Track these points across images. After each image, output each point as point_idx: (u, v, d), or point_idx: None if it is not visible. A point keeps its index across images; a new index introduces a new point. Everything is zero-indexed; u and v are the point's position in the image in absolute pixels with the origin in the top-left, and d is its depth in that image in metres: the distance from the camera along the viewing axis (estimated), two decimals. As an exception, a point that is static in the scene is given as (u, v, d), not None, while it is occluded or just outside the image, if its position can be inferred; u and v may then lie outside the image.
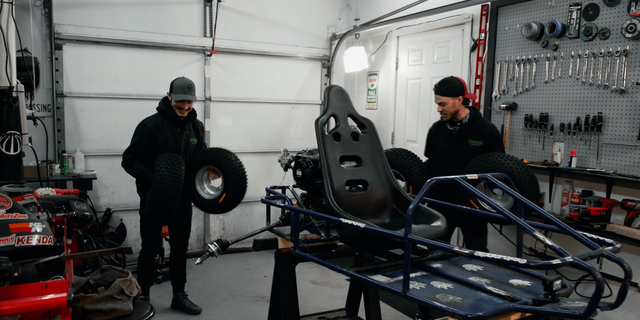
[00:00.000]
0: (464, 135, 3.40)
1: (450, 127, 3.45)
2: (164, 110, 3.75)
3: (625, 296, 1.69)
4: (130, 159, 3.72)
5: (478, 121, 3.40)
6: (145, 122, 3.74)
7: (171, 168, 3.39)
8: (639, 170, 3.11)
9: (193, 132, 3.90)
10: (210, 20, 5.16)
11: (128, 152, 3.74)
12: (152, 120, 3.74)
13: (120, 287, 2.15)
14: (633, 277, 2.59)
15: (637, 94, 3.11)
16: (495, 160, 3.03)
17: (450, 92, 3.35)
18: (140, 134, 3.72)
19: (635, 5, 3.07)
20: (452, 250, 1.80)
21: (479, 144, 3.35)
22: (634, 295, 3.21)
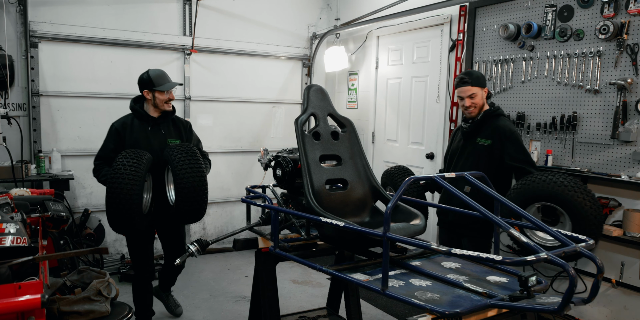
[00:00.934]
0: (474, 132, 3.14)
1: (464, 124, 3.21)
2: (134, 108, 3.35)
3: (598, 291, 1.72)
4: (99, 165, 3.29)
5: (493, 119, 3.10)
6: (114, 123, 3.37)
7: (127, 161, 2.86)
8: (612, 168, 3.18)
9: (173, 131, 3.43)
10: (190, 18, 5.12)
11: (97, 159, 3.34)
12: (120, 119, 3.37)
13: (98, 288, 2.13)
14: (607, 273, 2.65)
15: (610, 94, 3.19)
16: (548, 181, 2.66)
17: (480, 82, 3.11)
18: (108, 136, 3.34)
19: (608, 8, 3.14)
20: (430, 248, 1.82)
21: (487, 143, 3.07)
22: (608, 290, 3.29)
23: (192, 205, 2.97)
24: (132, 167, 2.85)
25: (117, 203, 2.78)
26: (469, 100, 3.10)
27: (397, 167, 3.50)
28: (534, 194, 2.72)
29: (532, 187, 2.73)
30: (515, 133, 3.04)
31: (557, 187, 2.63)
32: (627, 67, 3.09)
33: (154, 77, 3.27)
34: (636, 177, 3.01)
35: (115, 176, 2.79)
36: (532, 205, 2.78)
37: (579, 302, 1.76)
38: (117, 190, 2.77)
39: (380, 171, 5.32)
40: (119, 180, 2.78)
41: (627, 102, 3.09)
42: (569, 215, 2.64)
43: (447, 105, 4.42)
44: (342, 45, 5.63)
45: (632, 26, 3.06)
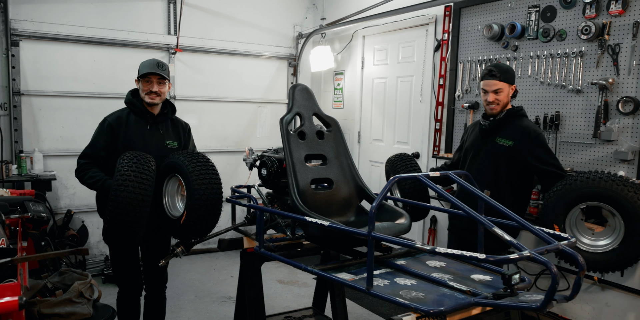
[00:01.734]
0: (494, 131, 2.95)
1: (483, 121, 3.01)
2: (131, 102, 2.98)
3: (580, 288, 1.74)
4: (86, 164, 2.88)
5: (516, 119, 2.92)
6: (106, 117, 2.98)
7: (137, 167, 2.51)
8: (594, 167, 3.22)
9: (172, 133, 3.09)
10: (175, 17, 5.08)
11: (83, 156, 2.91)
12: (114, 113, 2.98)
13: (79, 290, 2.10)
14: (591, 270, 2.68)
15: (592, 93, 3.22)
16: (594, 177, 2.54)
17: (509, 77, 2.90)
18: (99, 131, 2.93)
19: (589, 8, 3.18)
20: (414, 247, 1.82)
21: (508, 144, 2.87)
22: (590, 288, 3.33)
23: (205, 224, 2.63)
24: (144, 174, 2.51)
25: (126, 215, 2.43)
26: (493, 95, 2.89)
27: (398, 155, 3.32)
28: (579, 194, 2.56)
29: (576, 186, 2.57)
30: (541, 135, 2.87)
31: (604, 183, 2.48)
32: (609, 67, 3.13)
33: (142, 65, 2.99)
34: (617, 176, 3.05)
35: (125, 184, 2.43)
36: (575, 207, 2.62)
37: (561, 300, 1.77)
38: (127, 199, 2.42)
39: (366, 171, 5.35)
40: (129, 189, 2.43)
41: (609, 101, 3.13)
42: (620, 214, 2.48)
43: (432, 105, 4.44)
44: (328, 44, 5.63)
45: (613, 27, 3.10)
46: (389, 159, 3.33)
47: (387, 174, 3.36)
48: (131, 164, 2.51)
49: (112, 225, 2.48)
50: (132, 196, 2.43)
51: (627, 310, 3.14)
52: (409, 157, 3.28)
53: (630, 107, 3.02)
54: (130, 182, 2.45)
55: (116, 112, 3.00)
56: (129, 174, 2.48)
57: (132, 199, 2.44)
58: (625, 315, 3.15)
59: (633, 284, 3.09)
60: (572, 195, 2.59)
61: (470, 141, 3.14)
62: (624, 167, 3.07)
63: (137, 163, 2.54)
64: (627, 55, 3.03)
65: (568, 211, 2.64)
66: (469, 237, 3.05)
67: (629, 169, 3.05)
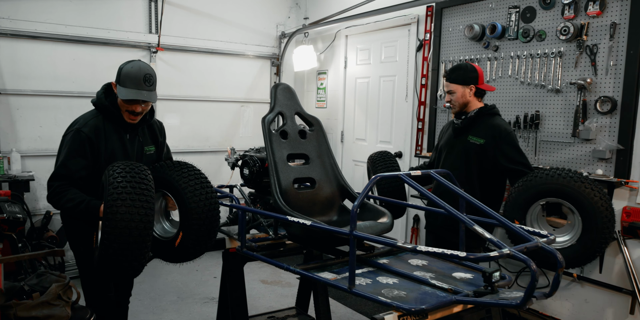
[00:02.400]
0: (466, 129, 2.97)
1: (455, 120, 3.05)
2: (105, 107, 2.50)
3: (559, 285, 1.76)
4: (61, 187, 2.37)
5: (488, 118, 2.94)
6: (79, 126, 2.43)
7: (132, 177, 2.07)
8: (573, 165, 3.27)
9: (149, 136, 2.74)
10: (156, 16, 5.03)
11: (56, 178, 2.40)
12: (88, 122, 2.46)
13: (57, 292, 2.06)
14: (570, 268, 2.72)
15: (571, 93, 3.27)
16: (552, 174, 2.56)
17: (460, 79, 2.93)
18: (74, 146, 2.40)
19: (568, 9, 3.23)
20: (396, 246, 1.83)
21: (480, 142, 2.89)
22: (569, 284, 3.38)
23: (205, 244, 2.38)
24: (143, 184, 2.08)
25: (127, 237, 1.99)
26: (449, 96, 2.97)
27: (379, 153, 3.32)
28: (538, 190, 2.58)
29: (535, 182, 2.60)
30: (511, 134, 2.88)
31: (562, 179, 2.50)
32: (587, 67, 3.18)
33: (125, 74, 2.46)
34: (596, 174, 3.10)
35: (122, 197, 2.00)
36: (535, 203, 2.64)
37: (540, 297, 1.79)
38: (127, 217, 1.98)
39: (350, 170, 5.36)
40: (128, 203, 2.00)
41: (587, 101, 3.18)
42: (578, 210, 2.50)
43: (414, 105, 4.46)
44: (311, 44, 5.63)
45: (591, 28, 3.15)
46: (370, 156, 3.35)
47: (368, 171, 3.37)
48: (125, 175, 2.08)
49: (111, 254, 1.99)
50: (133, 211, 1.99)
51: (605, 306, 3.20)
52: (389, 155, 3.29)
53: (607, 107, 3.07)
54: (128, 194, 2.00)
55: (89, 120, 2.47)
56: (124, 185, 2.02)
57: (134, 216, 1.99)
58: (604, 311, 3.20)
59: (611, 281, 3.14)
60: (532, 192, 2.62)
61: (444, 140, 3.16)
62: (602, 166, 3.12)
63: (132, 172, 2.10)
64: (605, 56, 3.08)
65: (528, 207, 2.67)
66: (444, 235, 3.07)
67: (607, 168, 3.10)
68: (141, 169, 2.14)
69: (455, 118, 3.05)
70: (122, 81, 2.45)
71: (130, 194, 2.02)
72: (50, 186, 2.42)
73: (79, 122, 2.49)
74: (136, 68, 2.46)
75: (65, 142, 2.47)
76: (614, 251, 3.11)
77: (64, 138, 2.50)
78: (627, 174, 3.01)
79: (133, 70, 2.45)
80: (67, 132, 2.49)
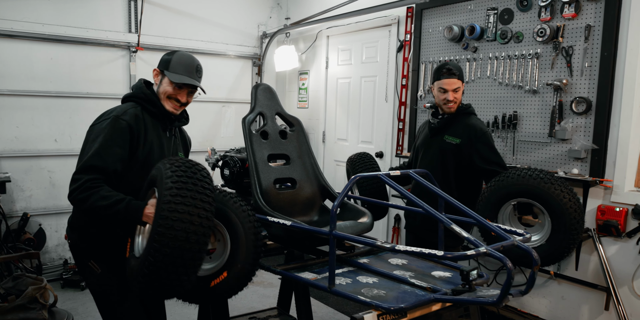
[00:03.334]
0: (442, 129, 2.98)
1: (432, 119, 3.04)
2: (147, 98, 2.22)
3: (534, 283, 1.80)
4: (93, 181, 1.98)
5: (464, 117, 2.95)
6: (117, 114, 2.11)
7: (189, 177, 1.79)
8: (550, 165, 3.33)
9: (181, 143, 2.53)
10: (136, 15, 4.98)
11: (87, 170, 2.00)
12: (127, 110, 2.16)
13: (34, 295, 2.03)
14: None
15: (547, 94, 3.33)
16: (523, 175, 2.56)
17: (463, 77, 2.93)
18: (109, 134, 2.06)
19: (544, 11, 3.28)
20: (375, 245, 1.84)
21: (456, 141, 2.90)
22: (547, 282, 3.44)
23: (236, 290, 2.07)
24: (204, 189, 1.80)
25: (183, 252, 1.70)
26: (453, 94, 2.88)
27: (358, 155, 3.31)
28: (508, 191, 2.59)
29: (506, 183, 2.60)
30: (487, 133, 2.90)
31: (532, 180, 2.52)
32: (563, 68, 3.24)
33: (176, 61, 2.27)
34: (571, 174, 3.16)
35: (177, 201, 1.71)
36: (507, 203, 2.65)
37: (516, 294, 1.83)
38: (184, 228, 1.69)
39: (331, 170, 5.38)
40: (185, 209, 1.71)
41: (563, 102, 3.24)
42: (547, 211, 2.52)
43: (395, 105, 4.50)
44: (293, 44, 5.63)
45: (566, 30, 3.21)
46: (349, 158, 3.36)
47: (347, 173, 3.38)
48: (181, 174, 1.77)
49: (159, 262, 1.68)
50: (194, 212, 1.70)
51: (581, 303, 3.26)
52: (368, 156, 3.31)
53: (583, 107, 3.14)
54: (189, 191, 1.71)
55: (128, 109, 2.17)
56: (185, 181, 1.73)
57: (194, 218, 1.70)
58: (580, 307, 3.27)
59: (587, 278, 3.21)
60: (503, 192, 2.63)
61: (420, 139, 3.17)
62: (577, 165, 3.18)
63: (189, 171, 1.80)
64: (580, 57, 3.15)
65: (500, 207, 2.68)
66: (422, 235, 3.08)
67: (582, 167, 3.16)
68: (203, 171, 1.87)
69: (431, 117, 3.05)
70: (174, 67, 2.26)
71: (192, 191, 1.74)
72: (76, 180, 1.99)
73: (116, 110, 2.15)
74: (188, 56, 2.32)
75: (97, 130, 2.08)
76: (589, 249, 3.18)
77: (94, 127, 2.12)
78: (602, 173, 3.08)
79: (185, 57, 2.31)
80: (101, 121, 2.12)
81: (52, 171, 4.63)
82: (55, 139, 4.63)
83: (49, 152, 4.61)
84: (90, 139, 2.09)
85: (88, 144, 2.08)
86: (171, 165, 1.83)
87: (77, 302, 4.02)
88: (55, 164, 4.63)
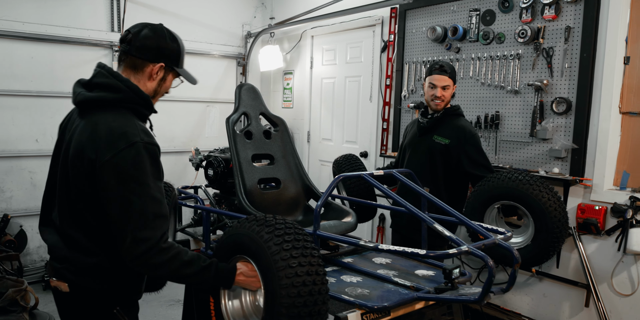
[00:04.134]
0: (431, 129, 2.98)
1: (421, 119, 3.04)
2: (139, 93, 1.73)
3: (515, 281, 1.83)
4: (163, 239, 1.57)
5: (453, 118, 2.97)
6: (141, 138, 1.60)
7: (295, 235, 1.61)
8: (531, 164, 3.37)
9: None
10: (118, 14, 4.93)
11: (152, 223, 1.55)
12: (141, 128, 1.67)
13: (14, 297, 2.00)
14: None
15: (528, 94, 3.38)
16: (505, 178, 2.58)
17: (454, 76, 2.95)
18: (147, 167, 1.59)
19: (525, 13, 3.33)
20: (358, 244, 1.85)
21: (445, 142, 2.91)
22: (528, 279, 3.48)
23: None
24: (312, 250, 1.61)
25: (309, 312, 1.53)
26: (441, 91, 2.89)
27: (344, 156, 3.34)
28: (493, 193, 2.61)
29: (490, 186, 2.64)
30: (475, 136, 2.92)
31: (510, 182, 2.55)
32: (543, 69, 3.29)
33: (182, 52, 1.89)
34: (552, 173, 3.21)
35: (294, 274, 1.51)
36: (491, 206, 2.69)
37: (498, 292, 1.85)
38: (306, 285, 1.52)
39: (316, 170, 5.38)
40: (311, 277, 1.53)
41: (544, 102, 3.29)
42: (529, 212, 2.55)
43: (379, 105, 4.52)
44: (277, 44, 5.62)
45: (547, 31, 3.25)
46: (335, 160, 3.37)
47: (334, 174, 3.39)
48: (280, 233, 1.58)
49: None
50: (314, 281, 1.52)
51: (562, 300, 3.31)
52: (354, 158, 3.32)
53: (563, 107, 3.19)
54: (295, 258, 1.52)
55: (138, 124, 1.67)
56: (287, 247, 1.54)
57: (315, 287, 1.52)
58: (561, 305, 3.32)
59: (567, 275, 3.26)
60: (486, 196, 2.67)
61: (408, 139, 3.17)
62: (558, 164, 3.23)
63: (294, 227, 1.64)
64: (560, 58, 3.19)
65: (485, 210, 2.73)
66: (409, 235, 3.09)
67: (563, 166, 3.21)
68: (291, 225, 1.67)
69: (420, 117, 3.06)
70: (183, 62, 1.91)
71: (299, 249, 1.55)
72: (144, 240, 1.53)
73: (130, 132, 1.59)
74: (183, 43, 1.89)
75: (124, 165, 1.55)
76: (569, 247, 3.23)
77: (114, 163, 1.54)
78: (582, 172, 3.13)
79: (184, 45, 1.90)
80: (118, 151, 1.54)
81: (33, 172, 4.57)
82: (36, 139, 4.57)
83: (29, 152, 4.54)
84: (121, 180, 1.54)
85: (121, 187, 1.54)
86: (260, 227, 1.63)
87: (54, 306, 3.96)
88: (36, 165, 4.57)
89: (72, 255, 1.65)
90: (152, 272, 1.59)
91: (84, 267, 1.65)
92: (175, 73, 1.86)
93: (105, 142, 1.56)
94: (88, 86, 1.70)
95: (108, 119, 1.61)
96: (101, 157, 1.54)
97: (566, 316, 3.30)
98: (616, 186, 3.10)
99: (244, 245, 1.65)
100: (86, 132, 1.60)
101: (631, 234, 2.88)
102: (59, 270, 1.67)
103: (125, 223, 1.53)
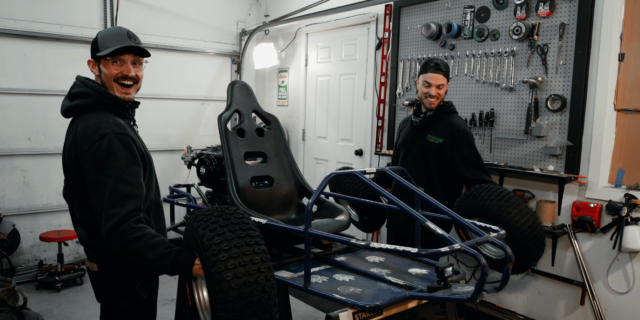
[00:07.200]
0: (425, 128, 2.94)
1: (414, 118, 3.00)
2: (106, 95, 1.88)
3: (508, 279, 1.81)
4: (132, 217, 1.70)
5: (446, 116, 2.91)
6: (108, 130, 1.78)
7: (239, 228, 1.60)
8: (526, 162, 3.36)
9: None
10: (112, 11, 4.89)
11: (119, 201, 1.70)
12: (110, 121, 1.82)
13: (2, 297, 1.98)
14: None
15: (523, 91, 3.36)
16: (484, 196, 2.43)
17: (448, 74, 2.91)
18: (118, 152, 1.76)
19: (520, 10, 3.31)
20: (350, 243, 1.83)
21: (439, 141, 2.87)
22: (523, 278, 3.47)
23: None
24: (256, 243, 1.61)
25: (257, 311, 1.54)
26: (436, 89, 2.85)
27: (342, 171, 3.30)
28: (467, 212, 2.48)
29: (468, 201, 2.51)
30: (469, 134, 2.87)
31: (483, 201, 2.40)
32: (538, 66, 3.27)
33: (101, 38, 1.90)
34: (547, 170, 3.19)
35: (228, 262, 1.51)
36: (472, 219, 2.46)
37: (491, 290, 1.84)
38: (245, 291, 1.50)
39: (311, 168, 5.36)
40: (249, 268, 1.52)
41: (539, 99, 3.27)
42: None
43: (374, 103, 4.50)
44: (272, 42, 5.59)
45: (541, 28, 3.24)
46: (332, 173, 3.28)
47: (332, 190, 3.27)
48: (214, 227, 1.58)
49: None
50: (247, 271, 1.50)
51: (557, 298, 3.30)
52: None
53: (557, 105, 3.17)
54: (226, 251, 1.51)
55: (106, 119, 1.83)
56: (218, 241, 1.53)
57: (250, 278, 1.50)
58: (556, 302, 3.31)
59: (562, 273, 3.25)
60: (464, 212, 2.50)
61: (402, 138, 3.13)
62: (553, 162, 3.22)
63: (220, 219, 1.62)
64: (555, 55, 3.18)
65: None
66: (405, 234, 3.05)
67: (558, 163, 3.19)
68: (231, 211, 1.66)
69: (414, 116, 3.02)
70: (102, 44, 1.88)
71: (230, 240, 1.53)
72: (112, 216, 1.67)
73: (101, 127, 1.78)
74: (112, 29, 1.96)
75: (100, 154, 1.73)
76: (564, 244, 3.22)
77: (93, 153, 1.74)
78: (577, 169, 3.12)
79: (109, 30, 1.95)
80: (94, 143, 1.75)
81: (25, 170, 4.53)
82: (29, 137, 4.53)
83: (22, 151, 4.51)
84: (97, 167, 1.72)
85: (98, 173, 1.72)
86: (201, 220, 1.63)
87: (53, 304, 3.94)
88: (29, 163, 4.53)
89: (92, 243, 1.91)
90: (121, 251, 1.72)
91: (103, 251, 1.89)
92: (104, 58, 1.90)
93: (82, 138, 1.79)
94: (70, 97, 1.94)
95: (85, 120, 1.84)
96: (80, 151, 1.78)
97: (561, 314, 3.29)
98: (611, 183, 3.09)
99: (188, 240, 1.71)
100: (72, 135, 1.86)
101: (626, 232, 2.86)
102: (89, 254, 1.96)
103: (101, 203, 1.71)
